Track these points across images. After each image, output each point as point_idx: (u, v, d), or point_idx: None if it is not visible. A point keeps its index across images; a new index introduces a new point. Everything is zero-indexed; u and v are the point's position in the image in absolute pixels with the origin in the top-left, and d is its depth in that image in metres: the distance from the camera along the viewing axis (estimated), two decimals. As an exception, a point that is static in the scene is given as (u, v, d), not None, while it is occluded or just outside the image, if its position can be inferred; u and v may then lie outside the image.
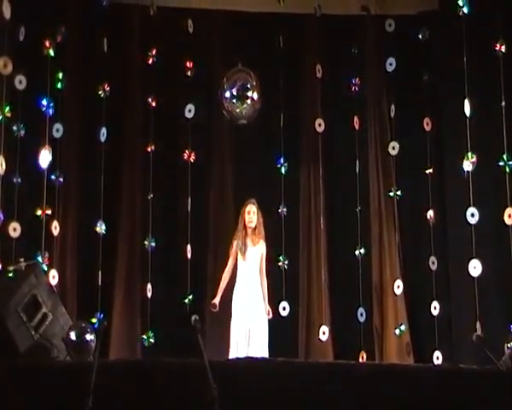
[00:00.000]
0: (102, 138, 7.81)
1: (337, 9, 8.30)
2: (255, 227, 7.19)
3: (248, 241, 7.16)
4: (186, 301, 7.68)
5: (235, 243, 7.18)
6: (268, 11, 8.19)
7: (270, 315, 7.16)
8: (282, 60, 8.09)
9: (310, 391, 5.18)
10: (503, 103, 7.05)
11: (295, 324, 8.05)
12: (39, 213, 7.22)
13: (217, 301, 7.09)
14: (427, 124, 8.09)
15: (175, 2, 8.25)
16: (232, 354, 6.95)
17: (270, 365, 5.78)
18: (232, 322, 7.08)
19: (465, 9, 7.23)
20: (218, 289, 7.15)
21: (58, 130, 7.54)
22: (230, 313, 7.23)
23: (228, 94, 7.49)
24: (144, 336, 7.66)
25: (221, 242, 8.09)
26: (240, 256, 7.14)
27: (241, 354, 6.84)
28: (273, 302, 7.37)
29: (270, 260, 7.51)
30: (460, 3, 7.24)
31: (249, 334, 6.97)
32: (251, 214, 7.18)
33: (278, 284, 7.59)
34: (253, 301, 7.05)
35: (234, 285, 7.19)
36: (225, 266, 7.23)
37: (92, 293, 7.56)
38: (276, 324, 7.30)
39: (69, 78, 7.80)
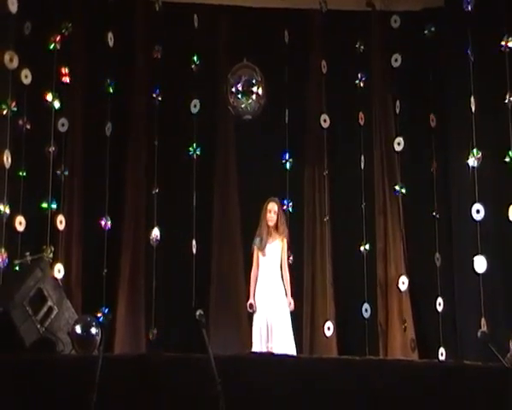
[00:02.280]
0: (108, 133, 7.82)
1: (342, 5, 8.28)
2: (276, 224, 7.23)
3: (268, 237, 7.20)
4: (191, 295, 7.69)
5: (254, 240, 7.24)
6: (273, 6, 8.19)
7: (292, 307, 7.17)
8: (287, 55, 8.09)
9: (314, 386, 5.19)
10: (511, 99, 7.03)
11: (300, 319, 8.03)
12: (45, 206, 7.24)
13: (252, 301, 7.11)
14: (433, 120, 8.08)
15: (180, -3, 8.25)
16: (255, 349, 6.96)
17: (274, 360, 5.79)
18: (254, 316, 7.09)
19: (470, 6, 7.20)
20: (250, 289, 7.17)
21: (63, 124, 7.56)
22: (235, 308, 7.25)
23: (233, 89, 7.50)
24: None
25: (226, 236, 8.11)
26: (260, 253, 7.19)
27: (263, 349, 6.88)
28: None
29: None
30: (466, -1, 7.24)
31: (271, 329, 6.99)
32: (272, 213, 7.22)
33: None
34: (273, 296, 7.08)
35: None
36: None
37: (97, 287, 7.57)
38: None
39: (74, 72, 7.80)
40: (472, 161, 7.25)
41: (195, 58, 8.04)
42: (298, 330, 8.00)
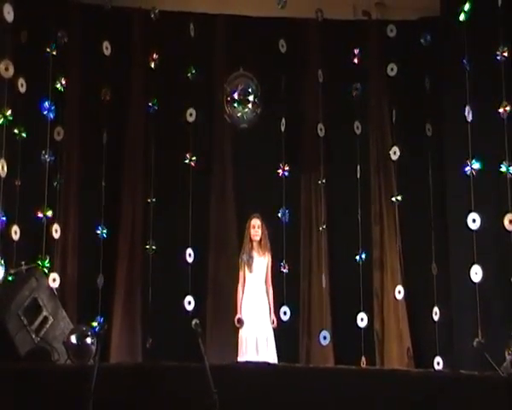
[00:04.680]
0: (104, 141, 7.82)
1: (339, 14, 8.31)
2: (260, 240, 7.37)
3: (254, 253, 7.35)
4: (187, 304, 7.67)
5: (241, 256, 7.33)
6: (270, 16, 8.20)
7: (275, 324, 7.28)
8: (283, 64, 8.09)
9: (310, 396, 5.18)
10: (507, 108, 7.02)
11: (296, 328, 8.04)
12: (40, 215, 7.21)
13: (240, 315, 7.20)
14: (429, 129, 8.08)
15: (176, 7, 8.25)
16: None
17: (271, 369, 5.78)
18: (240, 332, 7.12)
19: (463, 16, 7.21)
20: (238, 305, 7.27)
21: (59, 133, 7.56)
22: (232, 318, 7.25)
23: (229, 98, 7.51)
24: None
25: (222, 245, 8.12)
26: (247, 269, 7.29)
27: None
28: (274, 307, 7.39)
29: (271, 265, 7.52)
30: (461, 9, 7.24)
31: (257, 344, 7.03)
32: (256, 228, 7.39)
33: (279, 289, 7.58)
34: (260, 312, 7.21)
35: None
36: (236, 280, 7.38)
37: (93, 296, 7.56)
38: (277, 329, 7.30)
39: (70, 81, 7.81)
40: (468, 170, 7.24)
41: (192, 67, 8.05)
42: (294, 340, 8.02)
